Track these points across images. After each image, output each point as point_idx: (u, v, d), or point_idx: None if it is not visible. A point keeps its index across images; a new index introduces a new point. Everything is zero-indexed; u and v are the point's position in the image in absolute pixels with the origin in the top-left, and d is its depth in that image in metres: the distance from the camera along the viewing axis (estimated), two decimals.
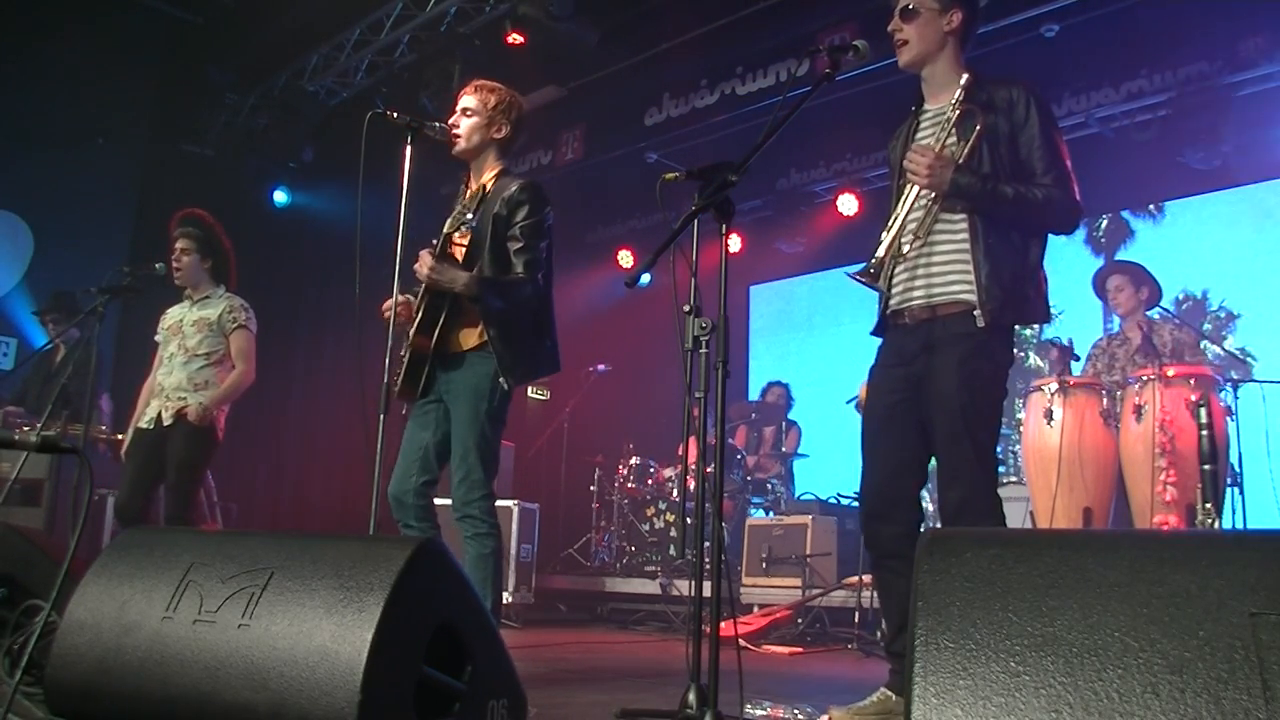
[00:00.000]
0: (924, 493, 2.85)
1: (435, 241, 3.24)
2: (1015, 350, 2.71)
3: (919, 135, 2.76)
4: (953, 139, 2.63)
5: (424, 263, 3.13)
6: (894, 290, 2.71)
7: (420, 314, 3.22)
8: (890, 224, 2.68)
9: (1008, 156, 2.61)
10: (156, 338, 4.59)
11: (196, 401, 4.28)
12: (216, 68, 7.82)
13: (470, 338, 3.23)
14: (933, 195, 2.62)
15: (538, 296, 3.28)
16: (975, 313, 2.53)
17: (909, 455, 2.64)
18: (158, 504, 4.37)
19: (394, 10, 6.95)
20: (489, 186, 3.32)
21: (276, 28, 7.45)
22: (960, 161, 2.58)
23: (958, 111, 2.62)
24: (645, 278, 2.56)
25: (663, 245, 2.45)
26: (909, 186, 2.64)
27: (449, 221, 3.33)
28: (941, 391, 2.55)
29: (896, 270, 2.70)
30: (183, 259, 4.49)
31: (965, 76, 2.64)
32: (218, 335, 4.44)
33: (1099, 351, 5.12)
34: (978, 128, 2.59)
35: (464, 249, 3.24)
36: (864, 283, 2.65)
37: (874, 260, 2.64)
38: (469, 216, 3.19)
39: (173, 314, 4.57)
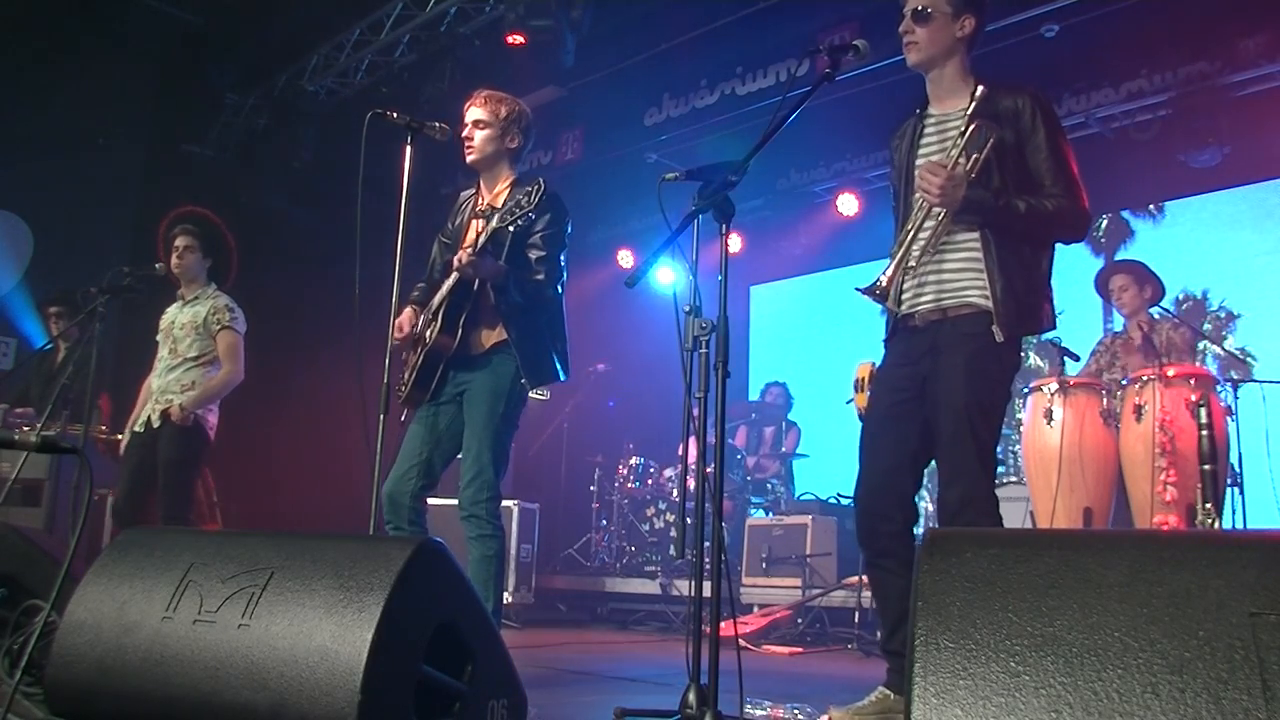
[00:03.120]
0: (924, 492, 2.85)
1: (476, 236, 3.21)
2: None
3: (923, 141, 2.76)
4: (963, 155, 2.62)
5: (463, 254, 3.11)
6: (905, 298, 2.71)
7: (442, 313, 3.22)
8: (901, 240, 2.68)
9: (1014, 167, 2.61)
10: (158, 338, 4.60)
11: (179, 402, 4.30)
12: (216, 68, 7.82)
13: (490, 337, 3.25)
14: (944, 211, 2.62)
15: (555, 302, 3.30)
16: (993, 327, 2.54)
17: (908, 454, 2.64)
18: (153, 504, 4.38)
19: (394, 10, 6.95)
20: (506, 195, 3.32)
21: (276, 28, 7.45)
22: (972, 177, 2.57)
23: (971, 125, 2.61)
24: (652, 277, 2.56)
25: (663, 245, 2.45)
26: (919, 202, 2.64)
27: (481, 221, 3.28)
28: (946, 390, 2.55)
29: (907, 283, 2.71)
30: (186, 255, 4.49)
31: (980, 89, 2.62)
32: (205, 337, 4.44)
33: (1102, 349, 5.12)
34: (990, 141, 2.58)
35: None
36: (872, 298, 2.65)
37: (882, 276, 2.64)
38: (517, 221, 3.13)
39: (168, 315, 4.58)
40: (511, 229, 3.14)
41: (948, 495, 2.57)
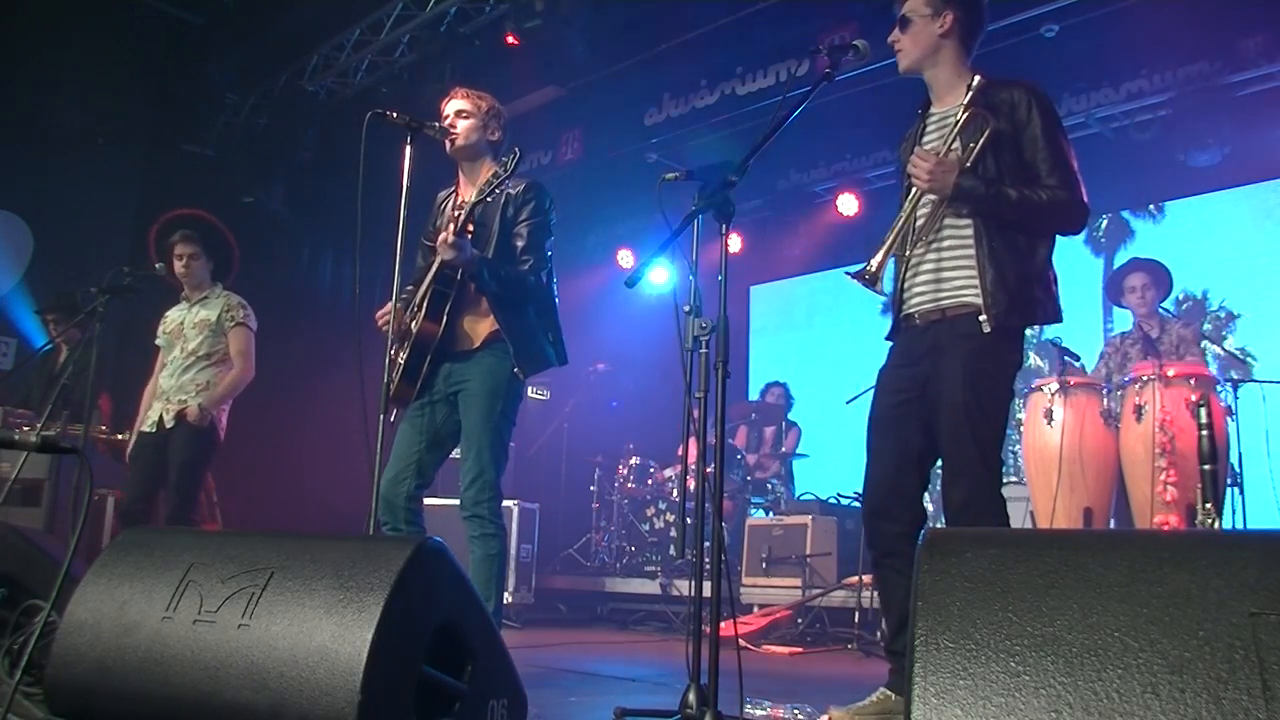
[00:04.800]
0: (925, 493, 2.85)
1: (455, 219, 3.21)
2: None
3: (925, 138, 2.77)
4: (957, 143, 2.63)
5: (444, 236, 3.11)
6: (906, 294, 2.72)
7: (426, 301, 3.22)
8: (893, 225, 2.69)
9: (1012, 159, 2.61)
10: (158, 341, 4.59)
11: (196, 403, 4.29)
12: (216, 68, 7.82)
13: (481, 329, 3.24)
14: (937, 199, 2.62)
15: (539, 291, 3.29)
16: (981, 317, 2.53)
17: (912, 454, 2.64)
18: (160, 505, 4.38)
19: (394, 10, 6.95)
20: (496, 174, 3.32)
21: (276, 28, 7.45)
22: (967, 165, 2.58)
23: (965, 114, 2.62)
24: (647, 277, 2.56)
25: (663, 245, 2.45)
26: (913, 190, 2.65)
27: (461, 212, 3.27)
28: (947, 390, 2.55)
29: (908, 274, 2.72)
30: (192, 264, 4.49)
31: (976, 79, 2.63)
32: (218, 335, 4.45)
33: (1112, 350, 5.09)
34: (986, 131, 2.59)
35: (472, 235, 3.24)
36: (862, 284, 2.65)
37: (871, 261, 2.64)
38: (490, 194, 3.15)
39: (172, 317, 4.58)
40: (489, 199, 3.15)
41: (951, 495, 2.57)
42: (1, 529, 2.94)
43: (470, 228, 3.17)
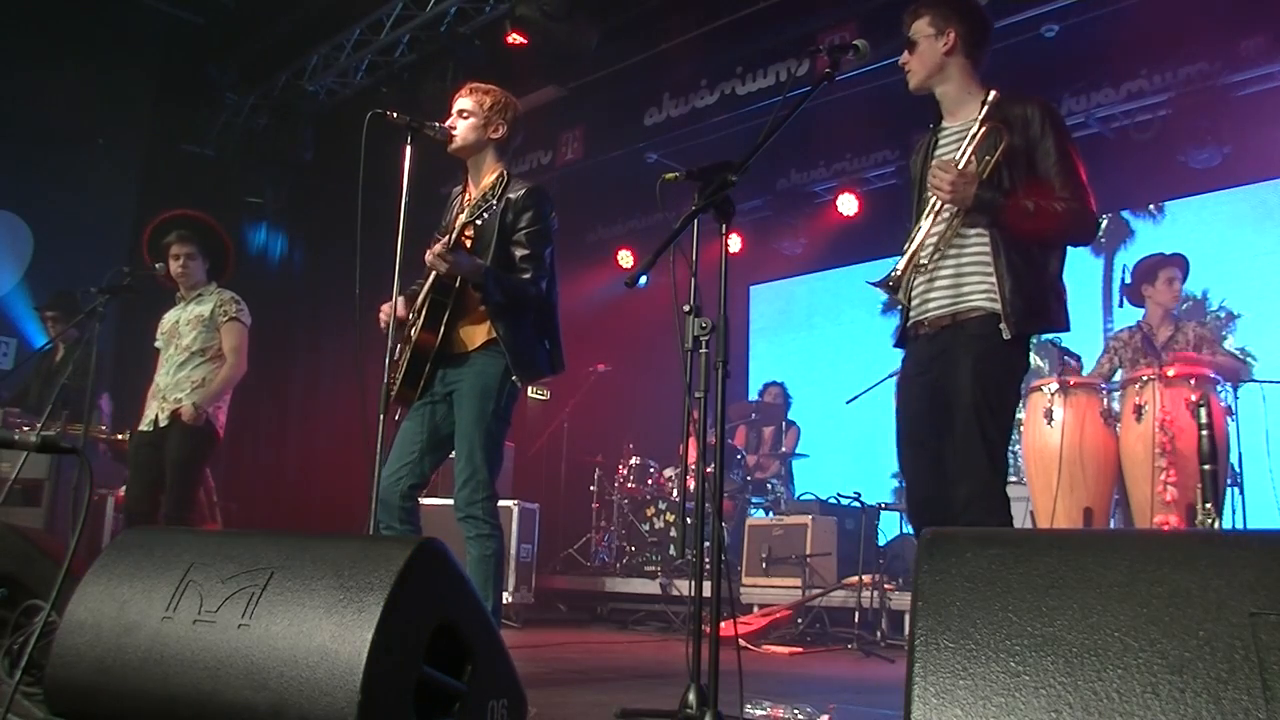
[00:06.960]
0: None
1: (449, 233, 3.21)
2: None
3: (938, 152, 2.82)
4: (972, 156, 2.67)
5: (435, 250, 3.11)
6: (914, 301, 2.77)
7: (424, 311, 3.22)
8: (912, 236, 2.72)
9: (1025, 172, 2.67)
10: (156, 343, 4.60)
11: (190, 401, 4.29)
12: (216, 68, 7.82)
13: (477, 335, 3.24)
14: (955, 209, 2.66)
15: (540, 299, 3.29)
16: (1000, 326, 2.59)
17: (942, 473, 2.69)
18: (162, 504, 4.37)
19: (394, 10, 6.95)
20: (492, 189, 3.32)
21: (276, 28, 7.45)
22: (984, 177, 2.62)
23: (983, 128, 2.67)
24: (645, 278, 2.56)
25: (663, 245, 2.45)
26: (932, 201, 2.68)
27: (461, 216, 3.26)
28: (956, 390, 2.61)
29: (921, 283, 2.76)
30: (189, 264, 4.49)
31: (993, 94, 2.70)
32: (211, 330, 4.45)
33: (1120, 344, 5.05)
34: (1002, 144, 2.64)
35: (471, 243, 3.24)
36: (884, 290, 2.70)
37: (894, 271, 2.69)
38: (482, 214, 3.16)
39: (169, 317, 4.59)
40: (479, 222, 3.14)
41: (956, 492, 2.61)
42: (1, 529, 2.93)
43: (466, 242, 3.17)
